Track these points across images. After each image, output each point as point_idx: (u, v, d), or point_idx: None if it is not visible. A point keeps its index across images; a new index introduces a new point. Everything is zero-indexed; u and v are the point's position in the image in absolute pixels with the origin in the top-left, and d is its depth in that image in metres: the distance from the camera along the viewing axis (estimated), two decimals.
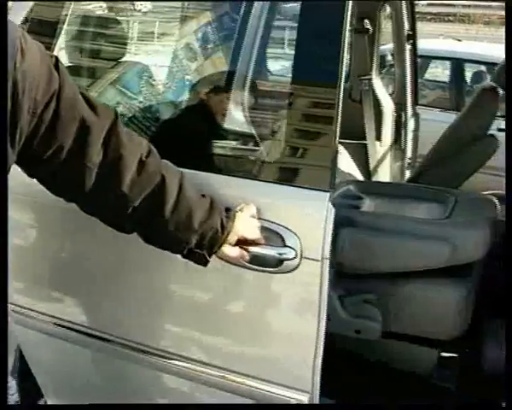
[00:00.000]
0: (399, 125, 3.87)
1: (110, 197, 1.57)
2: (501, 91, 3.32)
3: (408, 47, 3.82)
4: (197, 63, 2.84)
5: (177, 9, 2.87)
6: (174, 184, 1.61)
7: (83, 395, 2.23)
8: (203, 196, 1.68)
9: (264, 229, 1.76)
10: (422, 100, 5.53)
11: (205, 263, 1.68)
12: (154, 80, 2.67)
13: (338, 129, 1.77)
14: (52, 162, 1.49)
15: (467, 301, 2.38)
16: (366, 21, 3.64)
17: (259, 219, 1.77)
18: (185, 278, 1.92)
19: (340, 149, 2.57)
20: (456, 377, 2.54)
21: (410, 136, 3.93)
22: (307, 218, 1.79)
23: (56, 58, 1.50)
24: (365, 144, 3.75)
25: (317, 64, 1.82)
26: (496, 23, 17.38)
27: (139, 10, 3.23)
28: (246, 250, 1.73)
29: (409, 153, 3.96)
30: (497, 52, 4.77)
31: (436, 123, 4.00)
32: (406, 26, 3.80)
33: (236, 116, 2.21)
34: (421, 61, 6.10)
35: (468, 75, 6.45)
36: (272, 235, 1.78)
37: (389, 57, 4.52)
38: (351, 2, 1.77)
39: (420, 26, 4.18)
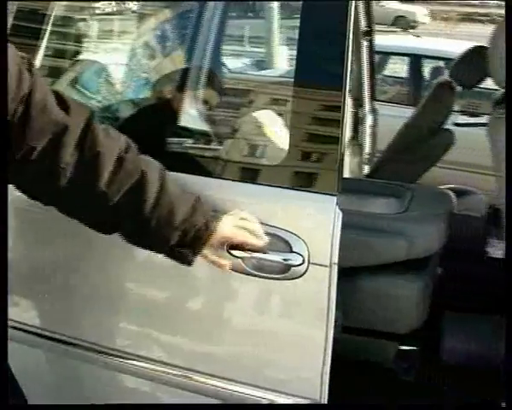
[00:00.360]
0: (357, 121, 3.89)
1: (89, 197, 1.54)
2: (457, 86, 3.37)
3: (365, 43, 3.84)
4: (156, 61, 2.83)
5: (136, 7, 2.85)
6: (155, 180, 1.57)
7: (37, 396, 2.20)
8: (188, 193, 1.63)
9: (269, 235, 1.72)
10: (382, 96, 5.57)
11: (189, 263, 1.64)
12: (113, 79, 2.65)
13: (345, 131, 1.74)
14: (24, 164, 1.47)
15: (424, 294, 2.41)
16: None
17: (265, 224, 1.73)
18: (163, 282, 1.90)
19: None
20: (416, 369, 2.57)
21: (367, 131, 3.95)
22: (314, 222, 1.77)
23: (29, 59, 1.49)
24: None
25: (321, 66, 1.79)
26: (454, 19, 17.60)
27: (129, 9, 3.22)
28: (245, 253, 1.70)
29: (367, 148, 3.98)
30: (455, 48, 4.82)
31: (395, 118, 4.03)
32: (363, 22, 3.81)
33: (195, 114, 2.20)
34: (381, 58, 6.15)
35: (427, 71, 6.51)
36: (278, 241, 1.74)
37: None
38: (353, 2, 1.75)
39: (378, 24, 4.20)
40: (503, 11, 2.09)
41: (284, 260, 1.74)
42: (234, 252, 1.71)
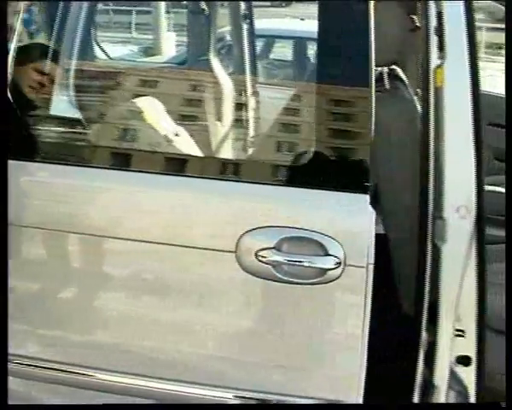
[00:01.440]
0: (240, 104, 3.89)
1: None
2: None
3: (245, 26, 3.84)
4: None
5: None
6: None
7: None
8: None
9: (301, 239, 1.70)
10: (267, 78, 5.60)
11: None
12: None
13: (373, 127, 1.71)
14: None
15: None
16: (202, 2, 3.64)
17: (298, 228, 1.70)
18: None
19: (180, 130, 2.55)
20: None
21: (251, 114, 3.96)
22: (349, 223, 1.73)
23: None
24: (206, 125, 3.74)
25: (346, 63, 1.76)
26: None
27: None
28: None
29: (251, 131, 3.99)
30: None
31: (279, 100, 4.04)
32: (242, 5, 3.82)
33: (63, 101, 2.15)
34: (267, 41, 6.21)
35: (311, 53, 6.60)
36: (312, 244, 1.70)
37: (228, 38, 4.55)
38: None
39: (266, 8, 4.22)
40: None
41: (318, 264, 1.71)
42: (262, 258, 1.67)
